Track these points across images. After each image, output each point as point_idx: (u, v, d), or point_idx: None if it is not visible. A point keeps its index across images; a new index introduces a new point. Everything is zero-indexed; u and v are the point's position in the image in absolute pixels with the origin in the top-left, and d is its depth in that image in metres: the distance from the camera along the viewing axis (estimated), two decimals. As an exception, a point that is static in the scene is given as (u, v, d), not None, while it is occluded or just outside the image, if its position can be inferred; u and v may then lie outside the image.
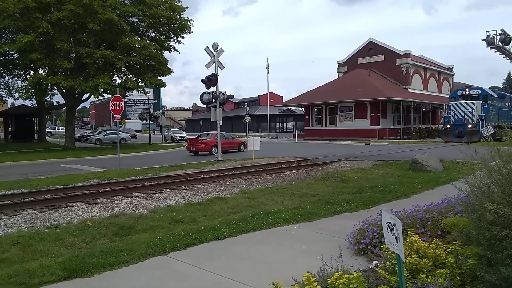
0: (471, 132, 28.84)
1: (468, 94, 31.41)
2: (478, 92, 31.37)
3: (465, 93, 31.61)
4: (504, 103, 34.82)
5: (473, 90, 31.87)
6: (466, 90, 31.91)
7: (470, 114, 29.67)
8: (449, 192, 5.29)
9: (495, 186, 3.71)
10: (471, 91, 31.51)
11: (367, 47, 47.02)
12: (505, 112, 34.50)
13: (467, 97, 31.16)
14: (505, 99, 35.57)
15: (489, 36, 32.16)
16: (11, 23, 25.46)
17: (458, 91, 32.90)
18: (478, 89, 31.89)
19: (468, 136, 28.43)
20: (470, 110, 29.82)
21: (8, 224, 7.32)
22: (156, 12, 29.81)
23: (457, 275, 3.72)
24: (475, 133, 28.35)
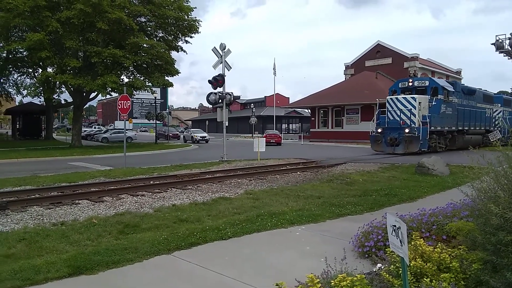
0: (408, 139, 21.28)
1: (412, 86, 23.55)
2: (425, 83, 23.58)
3: (408, 85, 23.78)
4: (472, 101, 27.46)
5: (419, 80, 24.25)
6: (409, 80, 24.11)
7: (409, 114, 21.82)
8: (455, 196, 5.27)
9: (501, 191, 3.69)
10: (415, 82, 23.74)
11: (374, 50, 46.90)
12: (472, 113, 27.13)
13: (410, 90, 23.55)
14: (474, 96, 27.92)
15: (498, 40, 31.92)
16: (21, 21, 25.74)
17: (400, 82, 24.91)
18: (426, 80, 24.28)
19: (403, 145, 21.45)
20: (409, 108, 21.84)
21: (15, 221, 7.39)
22: (164, 12, 29.96)
23: (462, 280, 3.70)
24: (414, 141, 21.18)
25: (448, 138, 24.73)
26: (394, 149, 21.79)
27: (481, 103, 28.87)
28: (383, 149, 22.62)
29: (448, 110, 23.77)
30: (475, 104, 27.79)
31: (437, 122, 22.90)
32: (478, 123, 28.23)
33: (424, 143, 21.48)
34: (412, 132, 21.32)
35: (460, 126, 25.56)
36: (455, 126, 24.94)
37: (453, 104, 24.48)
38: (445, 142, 24.48)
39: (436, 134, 23.27)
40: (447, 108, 23.70)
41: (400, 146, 21.61)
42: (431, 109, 22.32)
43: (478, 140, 27.62)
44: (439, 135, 23.82)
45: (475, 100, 27.85)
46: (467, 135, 26.35)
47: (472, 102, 27.36)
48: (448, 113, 23.80)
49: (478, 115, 28.31)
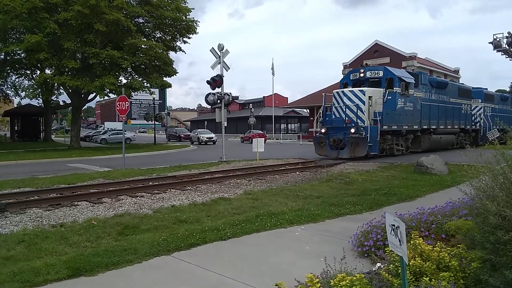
0: (354, 141, 17.55)
1: (364, 78, 19.63)
2: (379, 74, 19.38)
3: (359, 76, 19.78)
4: (444, 96, 24.03)
5: (372, 71, 19.85)
6: (361, 71, 19.86)
7: (356, 110, 18.09)
8: (454, 195, 5.28)
9: (499, 190, 3.69)
10: (367, 73, 19.66)
11: (372, 49, 46.94)
12: (442, 109, 23.47)
13: (363, 83, 19.64)
14: (446, 89, 24.39)
15: (496, 39, 31.96)
16: (18, 23, 25.69)
17: (351, 73, 20.84)
18: (379, 70, 19.81)
19: (349, 148, 17.68)
20: (355, 103, 18.10)
21: (14, 223, 7.38)
22: (162, 13, 29.95)
23: (461, 279, 3.71)
24: (361, 143, 17.46)
25: (409, 139, 21.22)
26: (338, 152, 18.08)
27: (456, 98, 25.46)
28: (327, 153, 18.76)
29: (408, 106, 19.98)
30: (448, 99, 24.35)
31: (393, 120, 19.01)
32: (450, 120, 24.55)
33: (375, 146, 17.82)
34: (358, 132, 17.57)
35: (426, 124, 21.89)
36: (418, 125, 21.16)
37: (416, 98, 20.68)
38: (406, 144, 21.16)
39: (391, 135, 19.67)
40: (407, 103, 19.88)
41: (345, 149, 17.85)
42: (385, 104, 18.43)
43: (451, 140, 25.11)
44: (397, 136, 20.22)
45: (447, 94, 24.38)
46: (436, 134, 23.02)
47: (444, 96, 23.94)
48: (408, 109, 19.98)
49: (451, 111, 24.57)
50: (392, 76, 19.27)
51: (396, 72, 19.72)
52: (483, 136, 27.98)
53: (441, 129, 23.59)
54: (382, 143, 18.88)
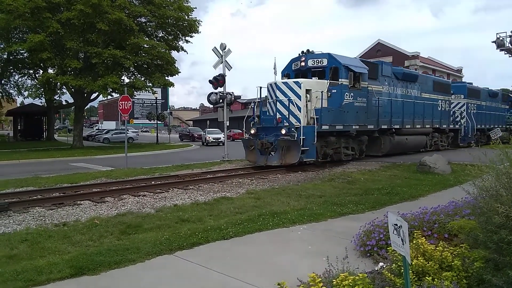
0: (285, 144, 14.30)
1: (305, 68, 16.35)
2: (323, 62, 16.06)
3: (301, 66, 16.51)
4: (413, 90, 20.90)
5: (314, 59, 16.29)
6: (301, 59, 16.52)
7: (289, 106, 14.78)
8: (457, 194, 5.27)
9: (503, 189, 3.68)
10: (309, 61, 16.30)
11: (375, 48, 46.94)
12: (410, 106, 20.19)
13: (305, 73, 16.42)
14: (416, 83, 21.14)
15: (499, 38, 31.83)
16: (21, 23, 25.80)
17: (293, 62, 17.12)
18: (323, 57, 16.17)
19: (279, 153, 14.41)
20: (290, 97, 14.80)
21: (17, 222, 7.41)
22: (164, 13, 29.99)
23: (464, 278, 3.70)
24: (293, 147, 14.21)
25: (363, 141, 17.83)
26: (267, 158, 14.68)
27: (430, 93, 22.33)
28: (256, 158, 15.31)
29: (359, 101, 16.61)
30: (419, 94, 21.30)
31: (337, 118, 15.54)
32: (420, 119, 21.13)
33: (311, 151, 14.50)
34: (290, 133, 14.27)
35: (386, 123, 18.45)
36: (374, 124, 17.63)
37: (372, 92, 17.31)
38: (359, 147, 17.79)
39: (337, 136, 16.16)
40: (358, 98, 16.51)
41: (276, 154, 14.51)
42: (330, 99, 15.21)
43: (420, 142, 21.83)
44: (345, 138, 16.79)
45: (418, 88, 21.29)
46: (400, 135, 19.64)
47: (413, 91, 20.87)
48: (359, 105, 16.59)
49: (422, 108, 21.15)
50: (337, 65, 15.75)
51: (342, 60, 16.03)
52: (465, 136, 26.23)
53: (407, 129, 20.14)
54: (325, 146, 15.64)
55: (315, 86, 15.25)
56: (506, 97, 34.62)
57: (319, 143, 15.10)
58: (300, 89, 14.85)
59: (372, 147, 18.59)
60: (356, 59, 17.71)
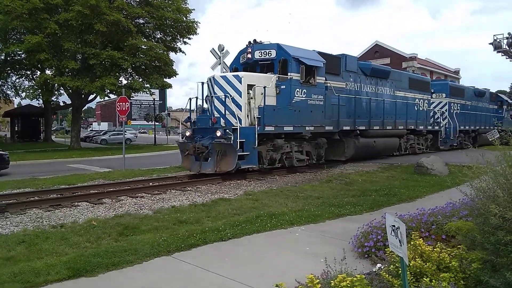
0: (221, 148, 12.24)
1: (252, 61, 14.33)
2: (271, 54, 14.02)
3: (247, 58, 14.48)
4: (384, 88, 18.87)
5: (261, 50, 14.17)
6: (248, 51, 14.45)
7: (226, 102, 12.76)
8: (454, 196, 5.29)
9: (500, 191, 3.70)
10: (256, 53, 14.20)
11: (373, 50, 47.03)
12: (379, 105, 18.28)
13: (253, 67, 14.42)
14: (387, 80, 19.15)
15: (496, 40, 31.95)
16: (19, 24, 25.71)
17: (240, 54, 15.10)
18: (271, 48, 14.08)
19: (214, 159, 12.31)
20: (228, 94, 12.80)
21: (14, 223, 7.38)
22: (163, 14, 29.96)
23: (461, 279, 3.71)
24: (229, 152, 12.16)
25: (321, 145, 15.78)
26: (201, 165, 12.59)
27: (405, 91, 20.46)
28: (191, 165, 13.21)
29: (314, 99, 14.54)
30: (391, 92, 19.36)
31: (285, 118, 13.50)
32: (392, 119, 19.12)
33: (252, 156, 12.61)
34: (226, 136, 12.26)
35: (349, 124, 16.46)
36: (334, 125, 15.60)
37: (330, 89, 15.39)
38: (317, 151, 15.79)
39: (286, 139, 14.08)
40: (313, 95, 14.46)
41: (210, 160, 12.42)
42: (279, 96, 13.43)
43: (391, 144, 19.60)
44: (298, 140, 14.70)
45: (391, 86, 19.39)
46: (366, 137, 17.52)
47: (384, 88, 18.89)
48: (313, 103, 14.54)
49: (393, 107, 19.23)
50: (286, 57, 13.71)
51: (292, 51, 13.89)
52: (446, 138, 24.54)
53: (375, 131, 18.01)
54: (272, 151, 13.67)
55: (260, 80, 13.12)
56: (494, 97, 33.24)
57: (264, 147, 13.37)
58: (241, 84, 12.84)
59: (335, 150, 16.82)
60: (312, 51, 15.20)
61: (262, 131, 12.78)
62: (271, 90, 13.18)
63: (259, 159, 13.22)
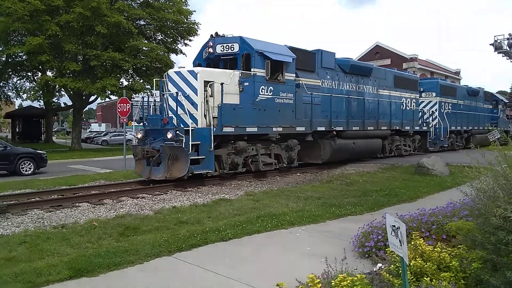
0: (172, 152, 11.06)
1: (213, 55, 13.00)
2: (233, 48, 12.71)
3: (209, 53, 13.15)
4: (365, 86, 17.76)
5: (224, 44, 12.83)
6: (209, 44, 13.08)
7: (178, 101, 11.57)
8: (455, 196, 5.30)
9: (500, 191, 3.71)
10: (217, 47, 12.87)
11: (373, 51, 47.06)
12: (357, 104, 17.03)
13: (216, 63, 13.14)
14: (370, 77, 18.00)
15: (496, 40, 31.98)
16: (20, 26, 25.78)
17: (203, 48, 13.68)
18: (234, 41, 12.76)
19: (165, 164, 11.14)
20: (184, 92, 11.67)
21: (15, 224, 7.40)
22: (163, 16, 30.03)
23: (462, 279, 3.72)
24: (180, 155, 10.99)
25: (292, 147, 14.27)
26: (151, 170, 11.44)
27: (390, 90, 19.26)
28: (142, 170, 11.98)
29: (283, 97, 13.34)
30: (374, 91, 18.21)
31: (248, 118, 12.33)
32: (374, 119, 17.91)
33: (208, 160, 11.43)
34: (178, 138, 11.00)
35: (324, 125, 15.19)
36: (306, 126, 14.35)
37: (302, 87, 14.18)
38: (287, 154, 14.26)
39: (249, 141, 12.74)
40: (281, 93, 13.26)
41: (161, 165, 11.23)
42: (242, 94, 12.20)
43: (373, 146, 18.05)
44: (265, 143, 13.33)
45: (374, 84, 18.23)
46: (345, 139, 16.21)
47: (367, 87, 17.83)
48: (282, 102, 13.34)
49: (375, 107, 17.97)
50: (249, 51, 12.45)
51: (256, 45, 12.67)
52: (436, 139, 23.35)
53: (355, 132, 16.77)
54: (233, 154, 12.36)
55: (218, 77, 11.84)
56: (489, 96, 31.78)
57: (224, 150, 12.18)
58: (196, 80, 11.60)
59: (311, 153, 15.67)
60: (282, 46, 13.90)
61: (219, 132, 11.63)
62: (233, 87, 12.10)
63: (219, 163, 12.16)
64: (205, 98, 11.76)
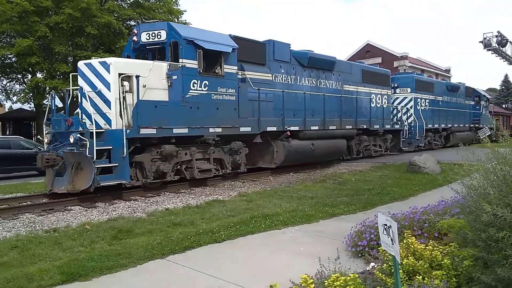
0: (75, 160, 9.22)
1: (139, 44, 11.46)
2: (160, 35, 11.07)
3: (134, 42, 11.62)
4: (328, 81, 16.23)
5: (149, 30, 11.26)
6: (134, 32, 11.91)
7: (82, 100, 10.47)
8: (446, 194, 5.33)
9: (491, 188, 3.74)
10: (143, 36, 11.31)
11: (364, 49, 47.24)
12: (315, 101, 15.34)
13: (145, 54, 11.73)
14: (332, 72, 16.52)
15: (485, 38, 32.27)
16: (9, 27, 25.53)
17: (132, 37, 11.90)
18: (160, 28, 11.22)
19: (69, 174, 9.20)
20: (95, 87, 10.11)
21: (6, 228, 7.32)
22: (154, 16, 29.87)
23: (453, 277, 3.75)
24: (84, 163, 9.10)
25: (236, 150, 12.56)
26: (53, 181, 9.66)
27: (357, 85, 17.85)
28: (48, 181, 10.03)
29: (222, 93, 11.68)
30: (339, 86, 16.68)
31: (176, 117, 10.58)
32: (337, 118, 16.25)
33: (121, 168, 9.60)
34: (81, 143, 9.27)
35: (275, 124, 13.55)
36: (253, 125, 12.76)
37: (248, 82, 12.55)
38: (231, 158, 12.58)
39: (180, 144, 11.02)
40: (219, 88, 11.61)
41: (65, 175, 9.43)
42: (170, 90, 10.69)
43: (336, 147, 16.36)
44: (201, 146, 11.66)
45: (338, 79, 16.69)
46: (302, 140, 14.59)
47: (329, 82, 16.30)
48: (221, 98, 11.67)
49: (338, 103, 16.36)
50: (177, 39, 10.83)
51: (185, 32, 11.09)
52: (411, 138, 21.63)
53: (313, 132, 15.13)
54: (159, 160, 10.56)
55: (136, 69, 10.05)
56: (470, 92, 30.34)
57: (147, 156, 10.39)
58: (109, 73, 9.80)
59: (264, 156, 14.09)
60: (221, 34, 12.39)
61: (135, 134, 9.76)
62: (159, 81, 10.46)
63: (142, 171, 10.48)
64: (122, 94, 9.92)
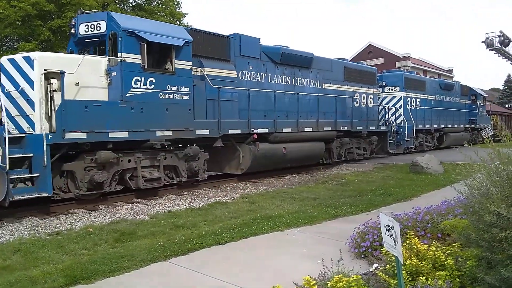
0: None
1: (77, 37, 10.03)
2: (99, 27, 9.60)
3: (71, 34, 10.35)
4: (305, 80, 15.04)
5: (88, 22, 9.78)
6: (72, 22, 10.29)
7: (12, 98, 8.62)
8: (449, 194, 5.31)
9: (494, 188, 3.73)
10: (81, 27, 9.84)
11: (366, 50, 47.24)
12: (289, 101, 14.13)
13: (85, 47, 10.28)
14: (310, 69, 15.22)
15: (488, 38, 32.26)
16: (12, 31, 25.69)
17: None
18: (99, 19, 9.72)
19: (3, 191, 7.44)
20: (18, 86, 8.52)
21: (10, 232, 7.33)
22: (156, 19, 29.97)
23: (457, 277, 3.74)
24: None
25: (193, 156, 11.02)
26: None
27: (339, 84, 16.57)
28: None
29: (173, 93, 10.24)
30: (317, 85, 15.45)
31: (111, 119, 9.11)
32: (314, 119, 14.90)
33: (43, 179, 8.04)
34: None
35: (238, 126, 12.18)
36: (212, 128, 11.34)
37: (205, 80, 11.24)
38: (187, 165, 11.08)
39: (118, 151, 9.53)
40: (169, 87, 10.16)
41: None
42: (110, 88, 9.38)
43: (312, 151, 15.04)
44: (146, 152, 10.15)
45: (316, 77, 15.46)
46: (272, 143, 13.25)
47: (307, 80, 15.09)
48: (171, 98, 10.24)
49: (316, 104, 14.98)
50: (115, 30, 9.46)
51: (125, 23, 9.63)
52: (400, 140, 20.23)
53: (285, 134, 13.64)
54: (93, 169, 9.13)
55: (65, 65, 8.64)
56: (466, 91, 28.83)
57: (79, 164, 9.03)
58: (33, 70, 8.49)
59: (231, 161, 12.89)
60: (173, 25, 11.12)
61: (59, 140, 8.30)
62: (96, 79, 9.21)
63: (74, 181, 9.07)
64: (49, 94, 8.63)
